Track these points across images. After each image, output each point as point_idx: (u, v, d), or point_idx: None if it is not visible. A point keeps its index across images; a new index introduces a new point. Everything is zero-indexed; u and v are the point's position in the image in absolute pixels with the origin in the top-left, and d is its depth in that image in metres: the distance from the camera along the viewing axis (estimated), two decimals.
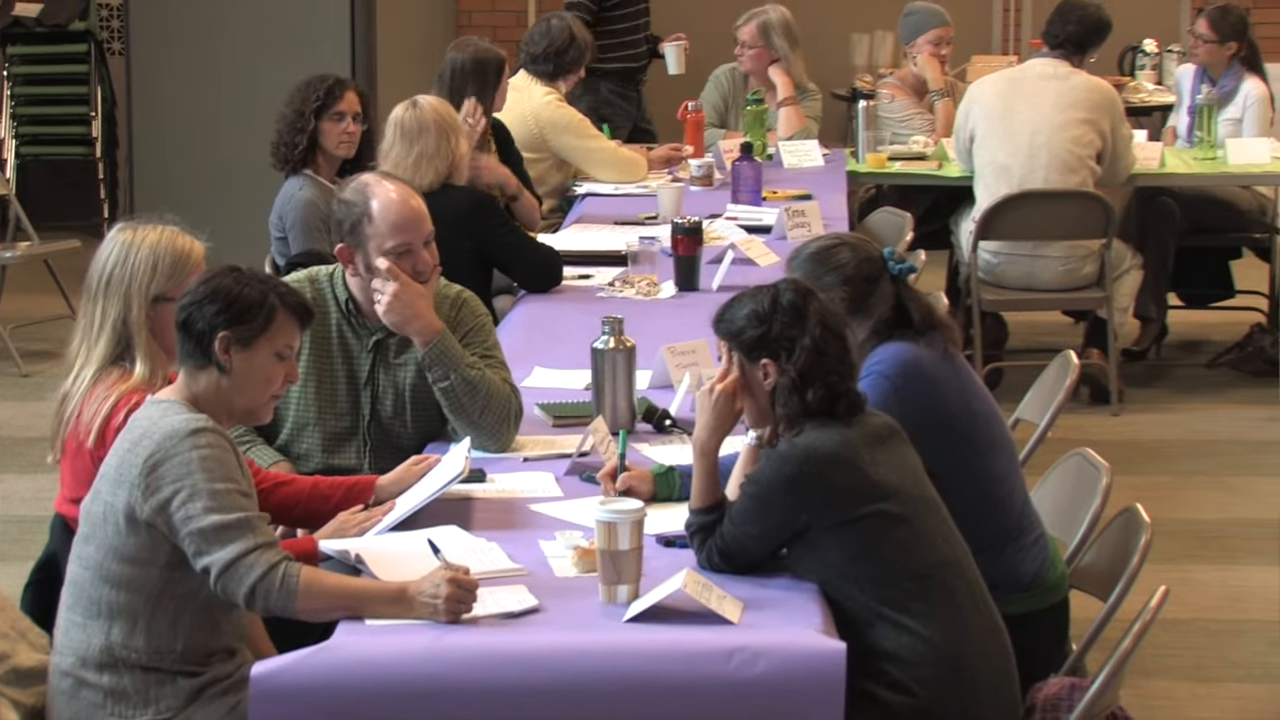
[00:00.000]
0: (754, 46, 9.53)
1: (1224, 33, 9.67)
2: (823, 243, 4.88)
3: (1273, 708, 5.90)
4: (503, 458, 4.98)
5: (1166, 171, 9.18)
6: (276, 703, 3.79)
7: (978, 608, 4.19)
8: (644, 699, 3.80)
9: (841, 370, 4.20)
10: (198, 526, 3.98)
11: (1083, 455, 5.07)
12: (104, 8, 12.82)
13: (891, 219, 8.41)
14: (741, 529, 4.15)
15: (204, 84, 10.62)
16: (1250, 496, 7.80)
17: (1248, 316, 9.91)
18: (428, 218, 5.09)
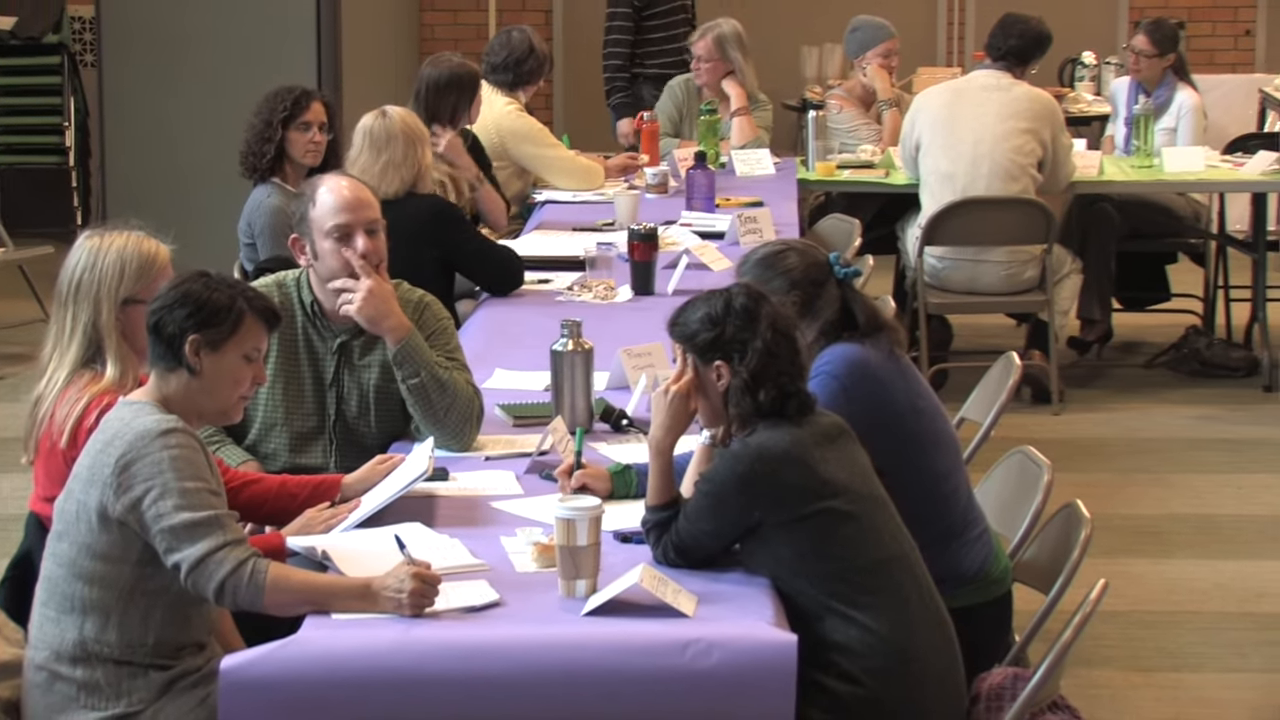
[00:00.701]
0: (710, 59, 9.54)
1: (1162, 47, 9.72)
2: (771, 248, 4.88)
3: (1205, 695, 5.92)
4: (465, 457, 4.97)
5: (1105, 179, 9.21)
6: (245, 695, 3.78)
7: (924, 601, 4.19)
8: (602, 689, 3.80)
9: (792, 371, 4.21)
10: (168, 524, 3.97)
11: (1025, 453, 5.08)
12: (77, 21, 12.78)
13: (840, 225, 8.42)
14: (696, 525, 4.15)
15: (173, 95, 10.59)
16: (1186, 492, 7.82)
17: (1183, 319, 9.95)
18: (372, 206, 5.08)
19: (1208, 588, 6.80)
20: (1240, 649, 6.28)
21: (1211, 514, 7.56)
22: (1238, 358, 9.53)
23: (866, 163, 9.36)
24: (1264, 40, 13.06)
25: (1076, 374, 9.49)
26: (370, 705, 3.80)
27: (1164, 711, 5.81)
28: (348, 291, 4.98)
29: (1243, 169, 9.27)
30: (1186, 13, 12.31)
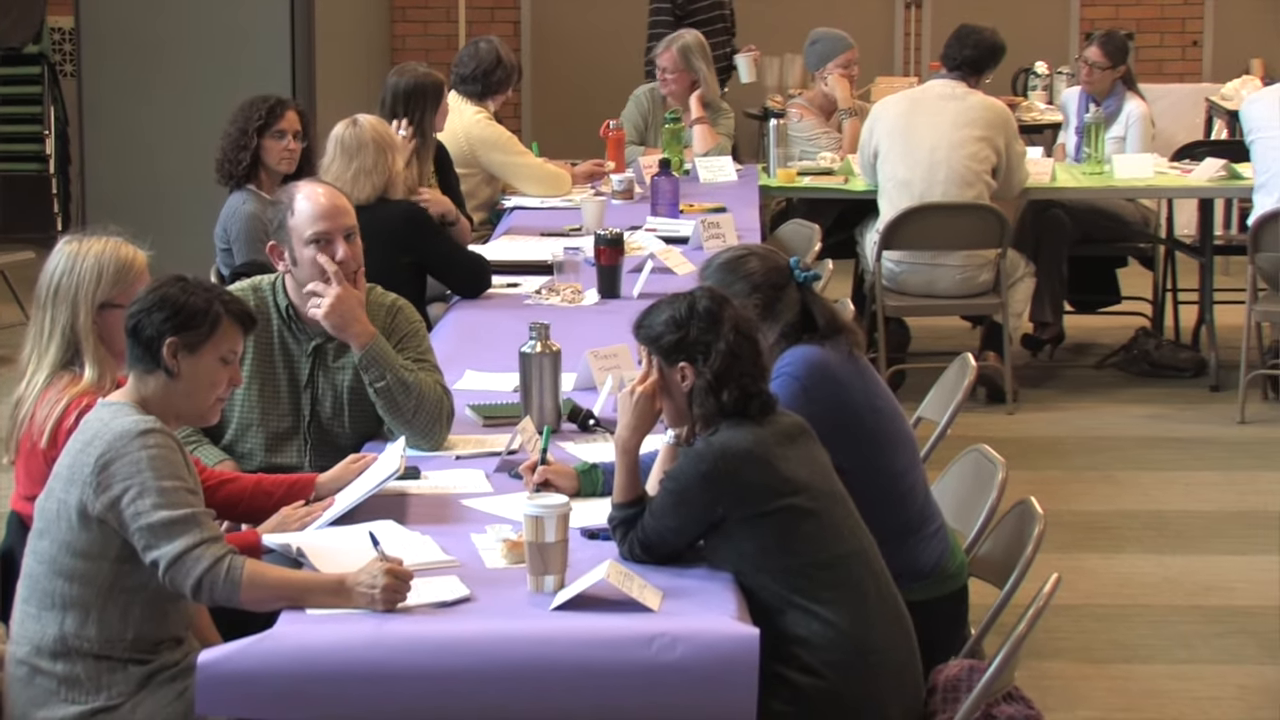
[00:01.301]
0: (675, 71, 9.55)
1: (1114, 58, 9.76)
2: (733, 253, 4.89)
3: (1155, 686, 5.93)
4: (436, 456, 4.97)
5: (1057, 185, 9.23)
6: (221, 688, 3.78)
7: (883, 595, 4.20)
8: (570, 682, 3.80)
9: (754, 372, 4.21)
10: (147, 522, 3.96)
11: (980, 451, 5.09)
12: (57, 32, 12.75)
13: (801, 230, 8.43)
14: (661, 522, 4.15)
15: (150, 104, 10.56)
16: (1135, 489, 7.84)
17: (1133, 321, 9.98)
18: (349, 213, 5.09)
19: (1157, 582, 6.82)
20: (1188, 641, 6.29)
21: (1160, 510, 7.58)
22: (1185, 359, 9.55)
23: (826, 169, 9.38)
24: (1210, 51, 13.10)
25: (1030, 374, 9.51)
26: (344, 698, 3.79)
27: (1115, 701, 5.83)
28: (317, 296, 4.98)
29: (1190, 175, 9.30)
30: (1136, 24, 12.35)
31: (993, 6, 11.69)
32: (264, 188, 6.95)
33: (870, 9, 12.96)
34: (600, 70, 12.62)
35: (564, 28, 13.37)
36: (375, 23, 12.82)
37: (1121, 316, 10.09)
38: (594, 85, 11.27)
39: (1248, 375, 8.77)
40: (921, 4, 13.10)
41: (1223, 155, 9.38)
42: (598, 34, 13.19)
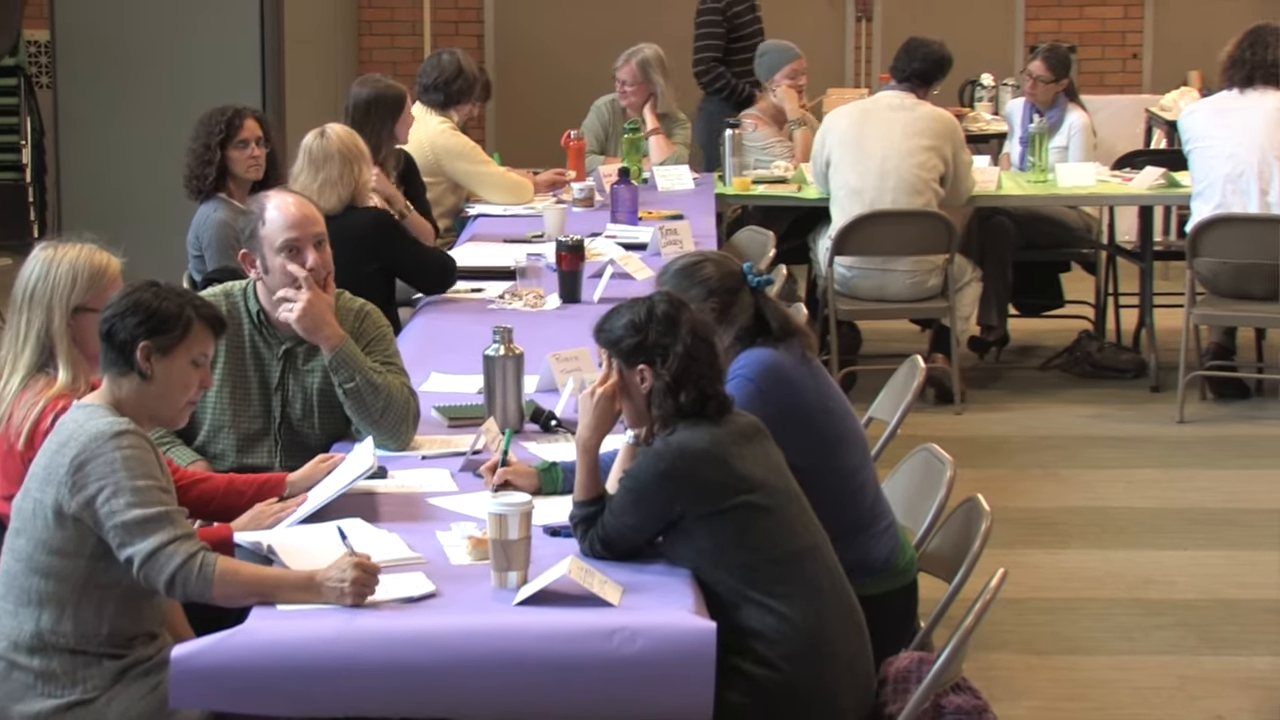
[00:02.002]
0: (635, 83, 9.56)
1: (1057, 72, 9.80)
2: (689, 259, 4.90)
3: (1097, 676, 5.94)
4: (402, 456, 4.96)
5: (1003, 193, 9.25)
6: (194, 682, 3.78)
7: (836, 590, 4.21)
8: (533, 675, 3.80)
9: (711, 374, 4.22)
10: (121, 520, 3.96)
11: (929, 450, 5.10)
12: (33, 45, 12.69)
13: (756, 237, 8.44)
14: (621, 519, 4.16)
15: (124, 115, 10.52)
16: (1079, 487, 7.85)
17: (1076, 324, 10.00)
18: (318, 222, 5.09)
19: (1100, 576, 6.83)
20: (1130, 633, 6.31)
21: (1103, 507, 7.60)
22: (1127, 360, 9.58)
23: (780, 178, 9.38)
24: (1150, 63, 13.14)
25: (977, 376, 9.52)
26: (313, 691, 3.79)
27: (1059, 692, 5.84)
28: (289, 301, 4.97)
29: (1131, 183, 9.33)
30: (1078, 38, 12.37)
31: (940, 20, 11.72)
32: (234, 195, 6.93)
33: (822, 22, 12.98)
34: (561, 82, 12.61)
35: (526, 41, 13.36)
36: (343, 36, 12.80)
37: (1065, 320, 10.11)
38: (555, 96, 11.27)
39: (1186, 376, 8.79)
40: (872, 17, 13.11)
41: (1162, 164, 9.41)
42: (559, 47, 13.19)
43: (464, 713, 4.11)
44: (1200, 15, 12.61)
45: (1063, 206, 9.61)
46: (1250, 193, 8.61)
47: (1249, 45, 8.75)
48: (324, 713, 3.90)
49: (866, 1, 13.05)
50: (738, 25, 10.42)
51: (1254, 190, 8.61)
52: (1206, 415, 8.86)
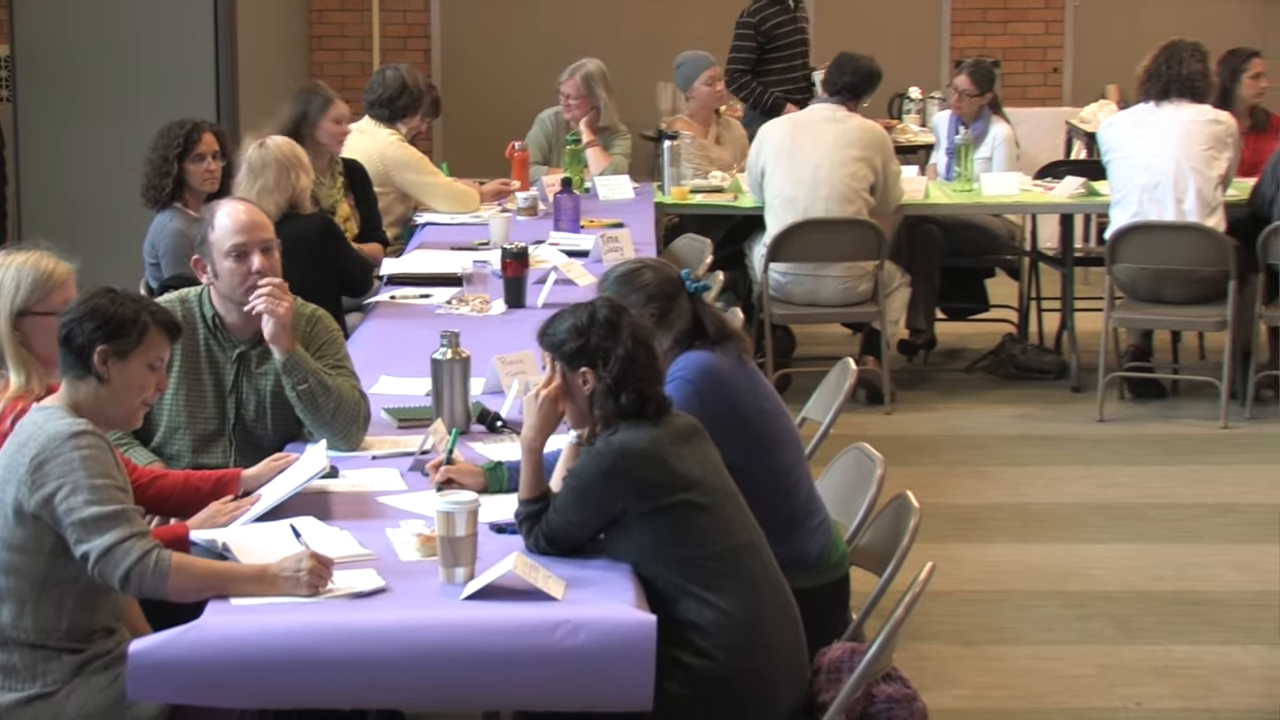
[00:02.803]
0: (578, 97, 9.55)
1: (982, 86, 9.83)
2: (629, 266, 4.90)
3: (1021, 665, 5.96)
4: (353, 456, 4.95)
5: (930, 202, 9.28)
6: (151, 675, 3.76)
7: (771, 584, 4.21)
8: (480, 667, 3.80)
9: (650, 377, 4.22)
10: (78, 517, 3.94)
11: (860, 449, 5.10)
12: None
13: (694, 244, 8.44)
14: (564, 517, 4.15)
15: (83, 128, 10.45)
16: (1003, 483, 7.88)
17: (1000, 328, 10.03)
18: (266, 228, 5.11)
19: (1023, 569, 6.85)
20: (1052, 624, 6.33)
21: (1026, 503, 7.62)
22: (1049, 362, 9.62)
23: (717, 187, 9.39)
24: (1070, 77, 13.20)
25: (906, 377, 9.55)
26: (267, 684, 3.78)
27: (985, 680, 5.85)
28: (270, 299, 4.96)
29: (1052, 192, 9.36)
30: (1002, 53, 12.42)
31: (870, 36, 11.74)
32: (190, 206, 6.90)
33: None
34: (506, 95, 12.59)
35: (471, 56, 13.33)
36: (295, 51, 12.76)
37: (989, 323, 10.14)
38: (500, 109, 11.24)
39: (1106, 377, 8.83)
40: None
41: (1082, 174, 9.44)
42: (503, 62, 13.16)
43: (413, 703, 4.13)
44: (1117, 31, 12.67)
45: (987, 215, 9.64)
46: (1166, 201, 8.66)
47: (1164, 60, 8.79)
48: (278, 704, 3.90)
49: None
50: (775, 37, 10.48)
51: (1169, 199, 8.65)
52: (1125, 414, 8.90)
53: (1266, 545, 7.08)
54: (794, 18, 10.55)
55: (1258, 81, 9.62)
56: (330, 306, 5.61)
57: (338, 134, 7.78)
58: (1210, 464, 8.12)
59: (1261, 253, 8.60)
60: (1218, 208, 8.67)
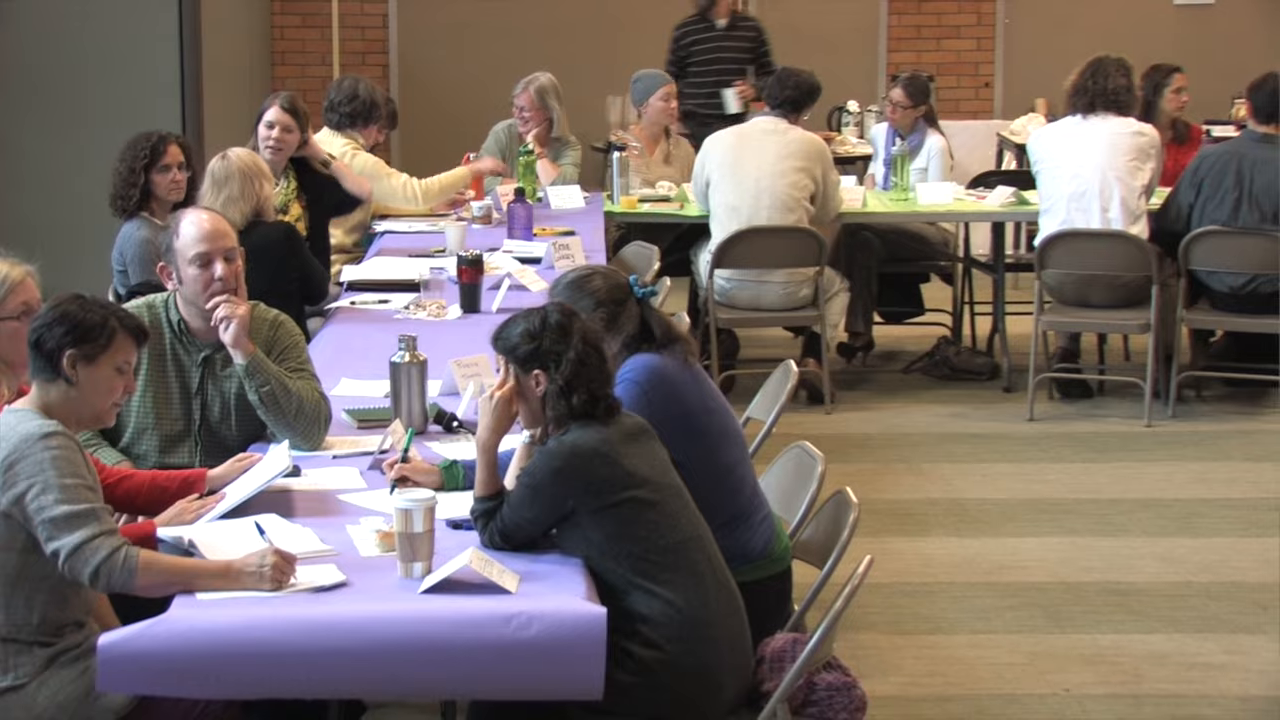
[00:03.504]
0: (532, 109, 9.54)
1: (915, 99, 9.85)
2: (579, 273, 4.89)
3: (957, 654, 5.97)
4: (314, 455, 4.93)
5: (868, 211, 9.30)
6: (120, 667, 3.75)
7: (717, 577, 4.21)
8: (437, 658, 3.79)
9: (600, 379, 4.22)
10: (49, 515, 3.92)
11: (802, 447, 5.11)
12: None
13: (642, 251, 8.44)
14: (518, 513, 4.15)
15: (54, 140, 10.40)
16: (938, 480, 7.90)
17: (935, 331, 10.06)
18: (229, 236, 5.08)
19: (957, 562, 6.87)
20: (985, 614, 6.34)
21: (960, 498, 7.64)
22: (981, 363, 9.65)
23: (664, 197, 9.40)
24: (1001, 91, 13.23)
25: (845, 378, 9.56)
26: (232, 675, 3.76)
27: (922, 668, 5.86)
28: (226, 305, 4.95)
29: (984, 201, 9.39)
30: (936, 68, 12.45)
31: (810, 51, 11.74)
32: (156, 215, 6.87)
33: None
34: (461, 107, 12.56)
35: (428, 70, 13.30)
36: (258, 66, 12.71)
37: (925, 327, 10.17)
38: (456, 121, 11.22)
39: (1036, 378, 8.87)
40: None
41: (1012, 184, 9.48)
42: (459, 76, 13.14)
43: (373, 692, 4.12)
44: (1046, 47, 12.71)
45: (922, 223, 9.67)
46: (1092, 210, 8.69)
47: (1090, 75, 8.83)
48: (242, 694, 3.90)
49: None
50: (691, 53, 10.73)
51: (1096, 208, 8.69)
52: (1054, 413, 8.93)
53: (1188, 538, 7.12)
54: (720, 36, 10.65)
55: (1179, 96, 9.67)
56: (293, 311, 5.59)
57: (265, 139, 7.74)
58: (1135, 461, 8.16)
59: (1183, 258, 8.65)
60: (1141, 216, 8.71)
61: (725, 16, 10.81)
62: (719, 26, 10.78)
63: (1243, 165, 8.63)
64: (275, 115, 7.72)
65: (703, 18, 10.83)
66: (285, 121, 7.71)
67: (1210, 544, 7.05)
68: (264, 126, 7.72)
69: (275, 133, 7.70)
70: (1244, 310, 8.69)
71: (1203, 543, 7.06)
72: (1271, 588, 6.57)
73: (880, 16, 13.12)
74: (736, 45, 10.78)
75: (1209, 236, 8.61)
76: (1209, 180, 8.69)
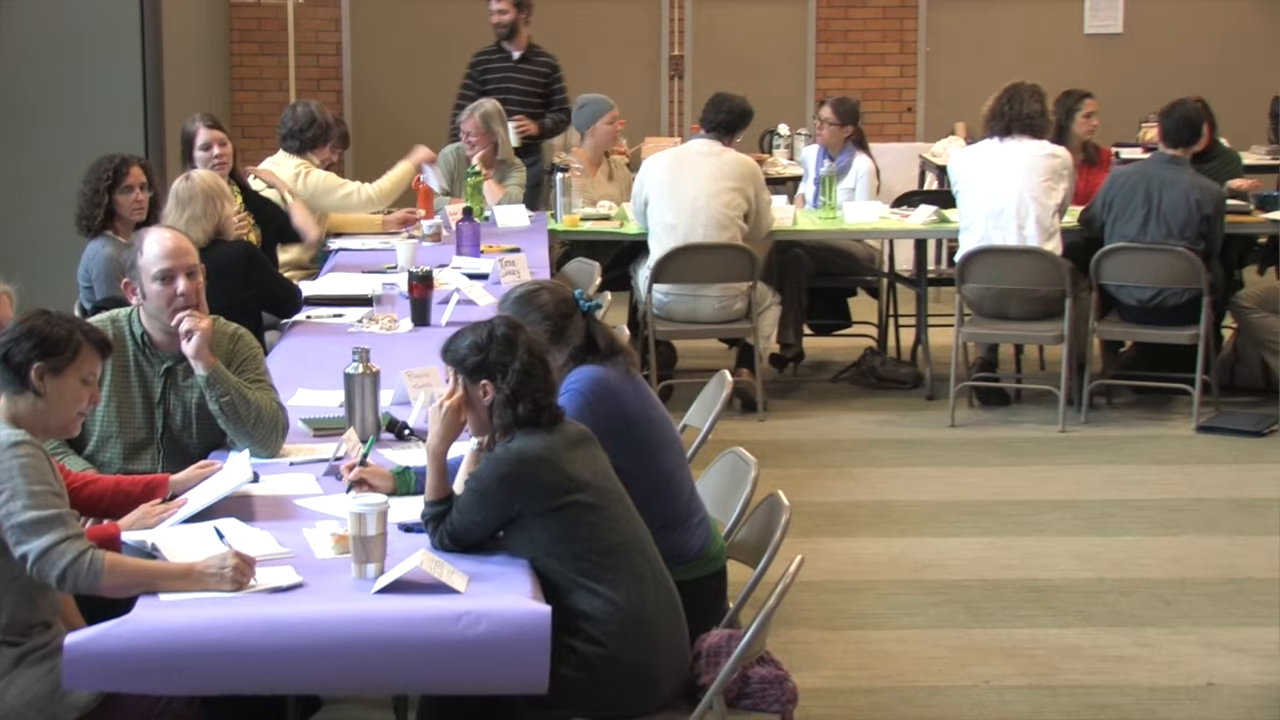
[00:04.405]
0: (478, 134, 9.53)
1: (843, 118, 9.86)
2: (527, 288, 4.88)
3: (883, 648, 5.98)
4: (272, 462, 4.90)
5: (798, 229, 9.31)
6: (86, 665, 3.72)
7: (655, 576, 4.21)
8: (389, 655, 3.77)
9: (545, 389, 4.21)
10: (17, 521, 3.90)
11: (736, 453, 5.11)
12: None
13: (584, 267, 8.44)
14: (466, 517, 4.14)
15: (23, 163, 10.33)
16: (865, 483, 7.92)
17: (862, 342, 10.09)
18: (190, 253, 5.07)
19: (883, 561, 6.89)
20: (910, 610, 6.36)
21: (886, 500, 7.66)
22: (905, 373, 9.68)
23: (604, 215, 9.40)
24: (922, 116, 13.29)
25: (777, 387, 9.58)
26: (193, 672, 3.74)
27: (850, 661, 5.87)
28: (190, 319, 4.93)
29: (908, 220, 9.42)
30: (861, 94, 12.47)
31: (743, 78, 11.77)
32: (120, 233, 6.83)
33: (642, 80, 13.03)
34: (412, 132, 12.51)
35: (380, 96, 13.29)
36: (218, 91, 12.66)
37: (852, 338, 10.19)
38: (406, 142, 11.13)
39: (956, 386, 8.90)
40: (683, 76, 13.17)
41: (934, 203, 9.51)
42: (409, 101, 13.12)
43: (329, 688, 4.10)
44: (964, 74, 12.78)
45: (849, 240, 9.69)
46: (1009, 228, 8.73)
47: (1007, 100, 8.88)
48: (203, 691, 3.88)
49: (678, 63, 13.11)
50: (486, 82, 10.55)
51: (1012, 225, 8.73)
52: (974, 420, 8.97)
53: (1100, 537, 7.16)
54: (514, 68, 10.58)
55: (1090, 120, 9.73)
56: (251, 325, 5.57)
57: (206, 160, 7.70)
58: (1050, 464, 8.19)
59: (1094, 273, 8.70)
60: (1055, 233, 8.76)
61: (521, 48, 10.64)
62: (514, 58, 10.63)
63: (1151, 185, 8.69)
64: (208, 136, 7.71)
65: (499, 48, 10.66)
66: (219, 137, 7.73)
67: (1120, 543, 7.09)
68: (201, 150, 7.68)
69: (216, 151, 7.67)
70: (1151, 322, 8.74)
71: (1113, 541, 7.10)
72: (1176, 584, 6.61)
73: (809, 45, 13.16)
74: (528, 78, 10.67)
75: (1119, 253, 8.67)
76: (1120, 198, 8.75)
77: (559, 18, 12.75)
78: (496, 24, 10.61)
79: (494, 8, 10.61)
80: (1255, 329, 8.97)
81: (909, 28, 13.12)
